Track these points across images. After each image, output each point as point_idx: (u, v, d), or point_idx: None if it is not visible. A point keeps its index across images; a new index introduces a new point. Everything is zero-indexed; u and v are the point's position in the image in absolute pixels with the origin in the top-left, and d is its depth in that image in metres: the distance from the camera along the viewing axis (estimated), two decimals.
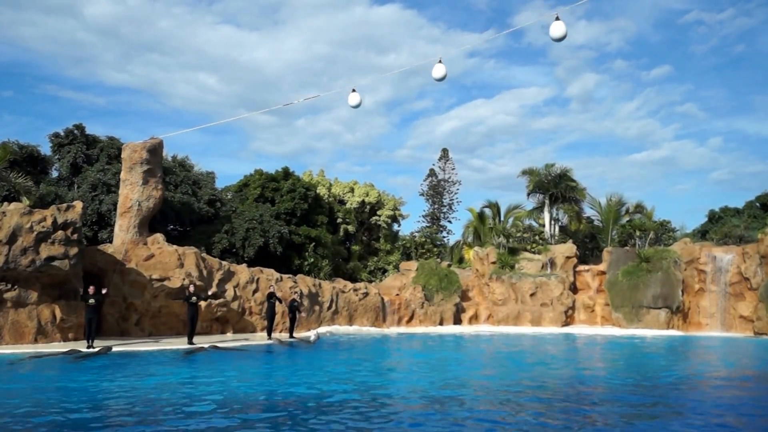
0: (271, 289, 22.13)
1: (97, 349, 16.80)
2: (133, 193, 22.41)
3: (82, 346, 17.22)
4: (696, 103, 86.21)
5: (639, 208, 37.28)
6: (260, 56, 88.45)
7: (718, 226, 36.46)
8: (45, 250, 18.21)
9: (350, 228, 35.86)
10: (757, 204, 39.90)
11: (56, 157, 28.06)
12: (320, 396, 11.45)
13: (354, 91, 14.06)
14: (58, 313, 18.66)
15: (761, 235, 27.66)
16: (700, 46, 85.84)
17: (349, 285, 27.36)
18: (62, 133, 27.79)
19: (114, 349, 17.17)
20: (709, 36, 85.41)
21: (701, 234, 38.75)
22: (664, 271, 28.41)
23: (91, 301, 17.69)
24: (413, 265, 31.06)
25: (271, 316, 21.69)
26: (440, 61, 12.95)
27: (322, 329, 24.70)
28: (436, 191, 48.31)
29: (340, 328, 25.25)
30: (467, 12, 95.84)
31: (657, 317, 28.00)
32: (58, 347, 17.28)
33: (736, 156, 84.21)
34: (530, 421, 9.71)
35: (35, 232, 18.12)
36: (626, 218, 36.91)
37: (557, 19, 12.39)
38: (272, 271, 24.85)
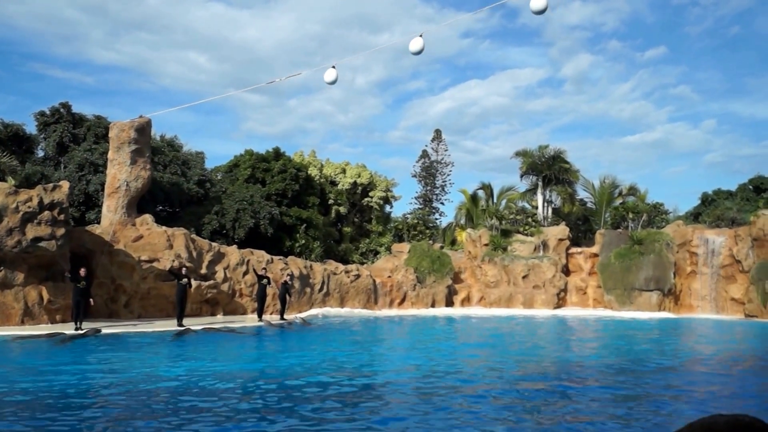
0: (263, 272, 21.91)
1: (84, 331, 16.58)
2: (121, 173, 22.04)
3: (70, 328, 17.01)
4: (690, 85, 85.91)
5: (632, 190, 37.21)
6: (251, 35, 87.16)
7: (711, 209, 36.49)
8: (31, 231, 17.90)
9: (342, 209, 35.60)
10: (750, 187, 39.94)
11: (42, 136, 27.53)
12: (310, 378, 11.31)
13: (333, 67, 13.64)
14: (45, 295, 18.40)
15: (753, 217, 27.65)
16: (694, 28, 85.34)
17: (341, 267, 27.19)
18: (48, 112, 27.24)
19: (103, 331, 16.96)
20: (704, 17, 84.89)
21: (694, 216, 38.79)
22: (656, 253, 28.40)
23: (82, 283, 17.43)
24: (405, 247, 30.90)
25: (261, 297, 21.53)
26: (420, 35, 12.52)
27: (313, 311, 24.57)
28: (429, 173, 48.00)
29: (332, 310, 25.12)
30: None
31: (649, 299, 28.05)
32: (46, 329, 17.05)
33: (730, 139, 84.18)
34: (519, 406, 9.62)
35: (21, 213, 17.79)
36: (619, 200, 36.84)
37: None
38: (263, 252, 24.62)
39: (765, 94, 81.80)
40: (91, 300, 18.14)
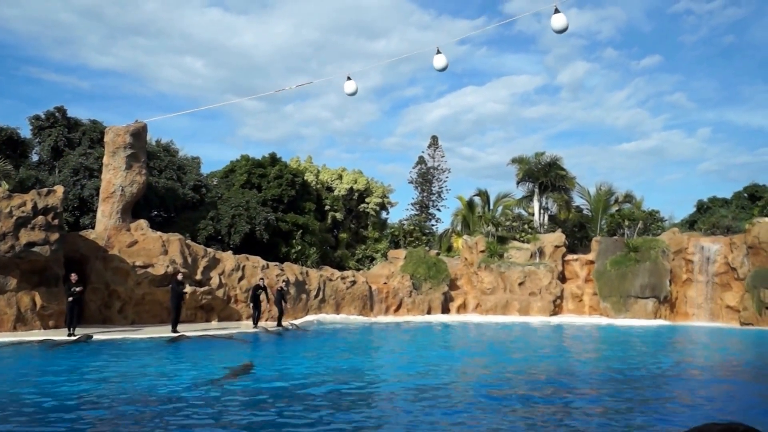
0: (260, 282, 21.77)
1: (76, 337, 16.44)
2: (116, 178, 21.93)
3: (63, 334, 16.86)
4: (685, 93, 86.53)
5: (628, 197, 37.29)
6: (248, 41, 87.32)
7: (706, 217, 36.55)
8: (25, 236, 17.77)
9: (338, 215, 35.55)
10: (745, 195, 40.09)
11: (37, 140, 27.40)
12: (306, 385, 11.21)
13: (349, 78, 13.68)
14: (39, 300, 18.25)
15: (748, 225, 27.69)
16: (689, 36, 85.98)
17: (337, 273, 27.09)
18: (43, 116, 27.12)
19: (95, 337, 16.81)
20: (699, 26, 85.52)
21: (689, 224, 38.86)
22: (652, 260, 28.39)
23: (74, 289, 17.28)
24: (401, 253, 30.83)
25: (256, 304, 21.41)
26: (438, 51, 12.61)
27: (309, 318, 24.45)
28: (425, 179, 48.02)
29: (327, 317, 25.00)
30: None
31: (645, 307, 28.02)
32: (39, 335, 16.90)
33: (725, 147, 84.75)
34: (513, 411, 9.54)
35: (15, 217, 17.67)
36: (615, 208, 36.91)
37: (556, 11, 12.16)
38: (258, 258, 24.52)
39: (759, 103, 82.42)
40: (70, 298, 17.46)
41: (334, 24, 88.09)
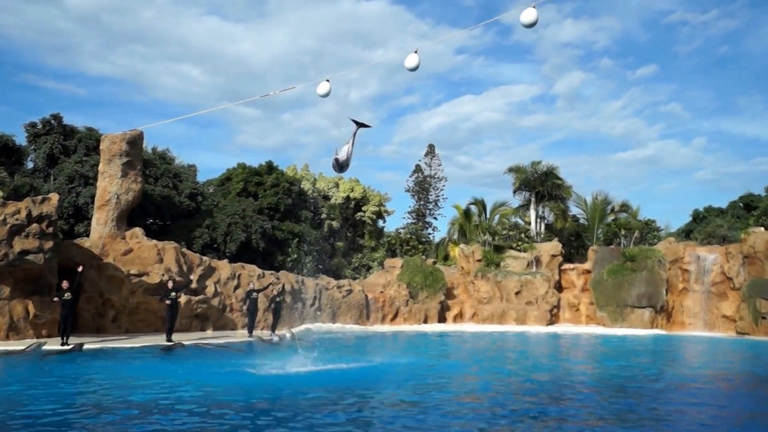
0: (251, 286, 21.70)
1: (71, 346, 16.29)
2: (112, 186, 21.82)
3: (55, 343, 16.70)
4: (681, 103, 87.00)
5: (624, 206, 37.35)
6: (246, 49, 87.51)
7: (702, 226, 36.64)
8: (19, 244, 17.63)
9: (335, 224, 35.47)
10: (740, 204, 40.16)
11: (32, 147, 27.30)
12: (301, 395, 11.11)
13: (327, 81, 13.52)
14: (32, 309, 18.07)
15: (744, 235, 27.76)
16: (684, 47, 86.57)
17: (333, 282, 26.99)
18: (38, 123, 27.02)
19: (87, 346, 16.65)
20: (694, 36, 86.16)
21: (685, 233, 38.91)
22: (648, 270, 28.40)
23: (66, 295, 17.12)
24: (398, 262, 30.76)
25: (252, 312, 21.29)
26: (416, 51, 12.51)
27: (304, 327, 24.32)
28: (422, 187, 47.99)
29: (323, 326, 24.88)
30: (456, 8, 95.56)
31: (641, 316, 27.99)
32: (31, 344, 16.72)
33: (720, 156, 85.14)
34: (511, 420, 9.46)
35: (9, 225, 17.53)
36: (611, 217, 36.95)
37: (533, 7, 12.13)
38: (254, 267, 24.41)
39: (755, 113, 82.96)
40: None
41: (331, 33, 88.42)
